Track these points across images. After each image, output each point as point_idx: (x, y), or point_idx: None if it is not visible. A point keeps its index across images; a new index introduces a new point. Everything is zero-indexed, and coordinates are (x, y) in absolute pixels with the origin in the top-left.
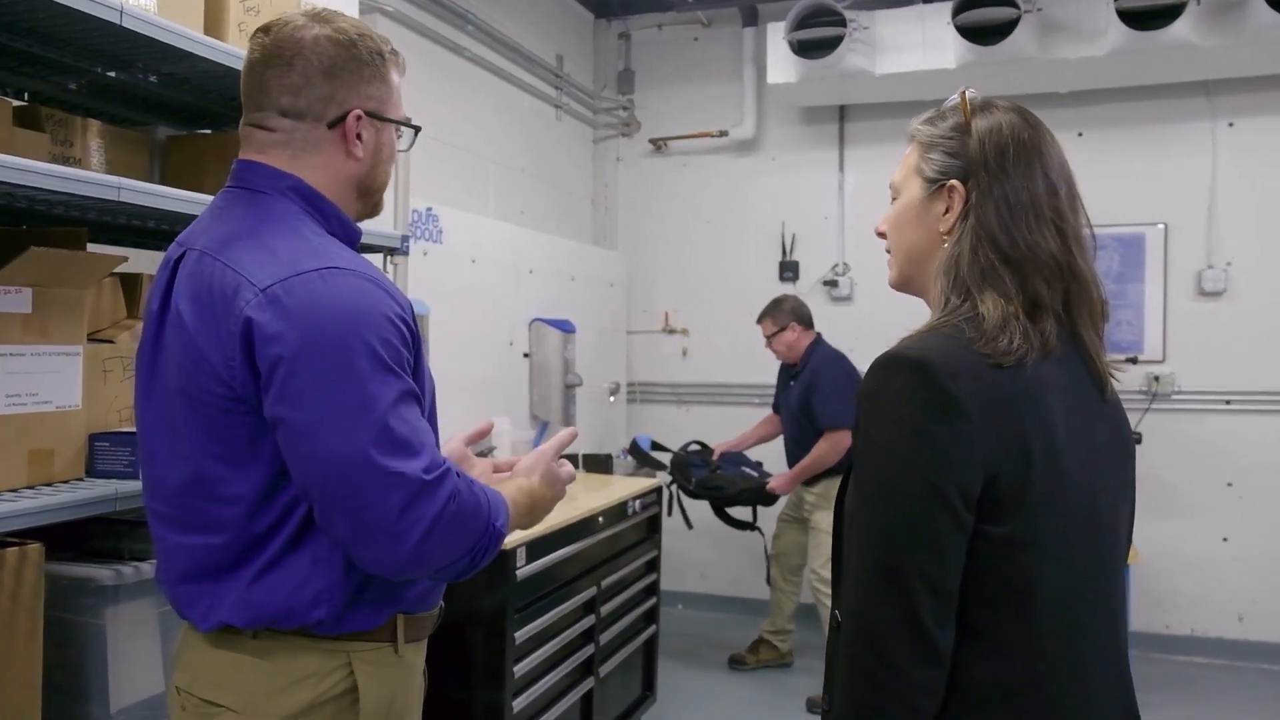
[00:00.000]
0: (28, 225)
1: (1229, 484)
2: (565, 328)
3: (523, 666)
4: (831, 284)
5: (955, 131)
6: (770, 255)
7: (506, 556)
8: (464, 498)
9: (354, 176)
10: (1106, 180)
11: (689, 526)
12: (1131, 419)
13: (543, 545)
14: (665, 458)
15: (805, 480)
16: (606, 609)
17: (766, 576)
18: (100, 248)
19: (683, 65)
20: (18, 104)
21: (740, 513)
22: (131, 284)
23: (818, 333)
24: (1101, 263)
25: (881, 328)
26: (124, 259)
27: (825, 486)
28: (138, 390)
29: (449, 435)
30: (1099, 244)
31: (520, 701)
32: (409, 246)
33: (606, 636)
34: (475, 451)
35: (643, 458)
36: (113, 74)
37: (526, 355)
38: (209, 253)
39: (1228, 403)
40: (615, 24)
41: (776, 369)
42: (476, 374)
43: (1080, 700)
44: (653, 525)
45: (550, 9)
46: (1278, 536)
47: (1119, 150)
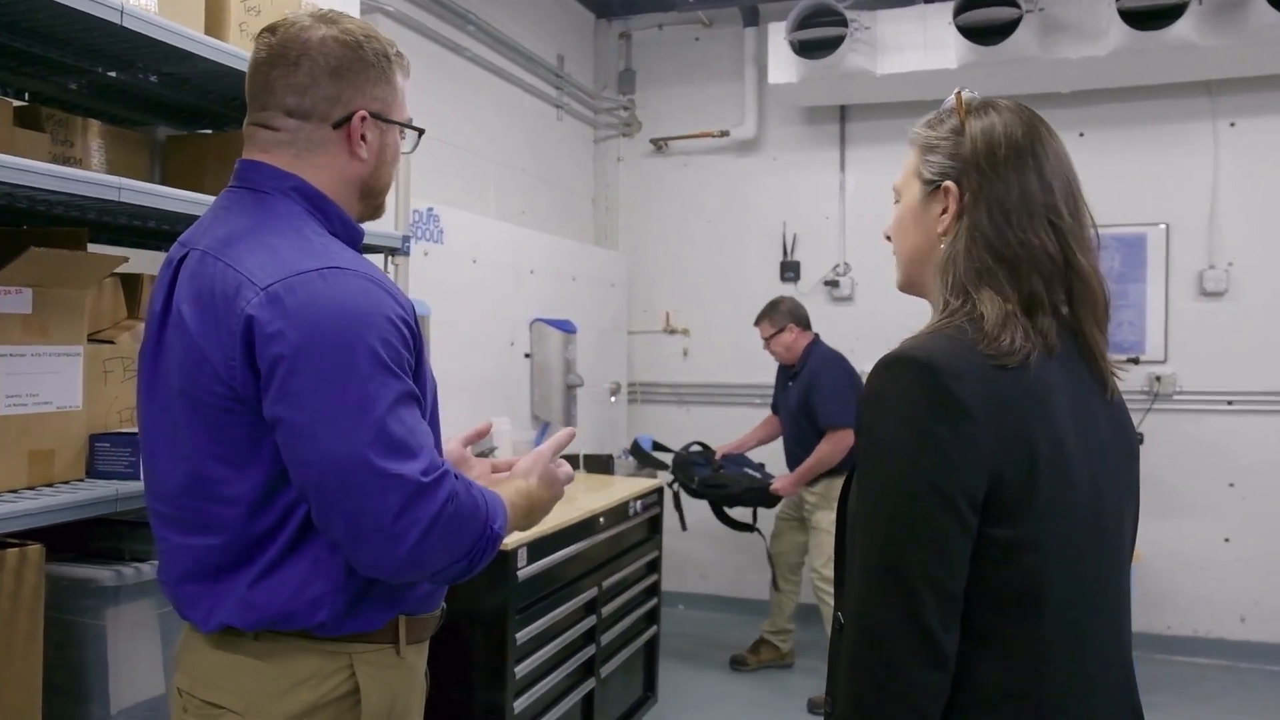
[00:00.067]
0: (28, 225)
1: (1231, 484)
2: (566, 328)
3: (524, 667)
4: (833, 284)
5: (950, 133)
6: (771, 255)
7: (507, 557)
8: (462, 500)
9: (358, 177)
10: (1108, 180)
11: (683, 528)
12: (1133, 419)
13: (544, 546)
14: (667, 458)
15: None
16: (608, 609)
17: (773, 582)
18: (100, 248)
19: (684, 65)
20: (18, 104)
21: (740, 514)
22: (132, 284)
23: (815, 333)
24: (1103, 263)
25: (883, 328)
26: (124, 259)
27: (825, 486)
28: (140, 391)
29: (450, 436)
30: (1101, 244)
31: (521, 702)
32: (410, 247)
33: (608, 637)
34: (476, 452)
35: (644, 458)
36: (113, 74)
37: (527, 355)
38: (211, 253)
39: (1229, 403)
40: (616, 24)
41: (776, 369)
42: (477, 374)
43: (1085, 703)
44: (654, 526)
45: (551, 9)
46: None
47: (1121, 150)
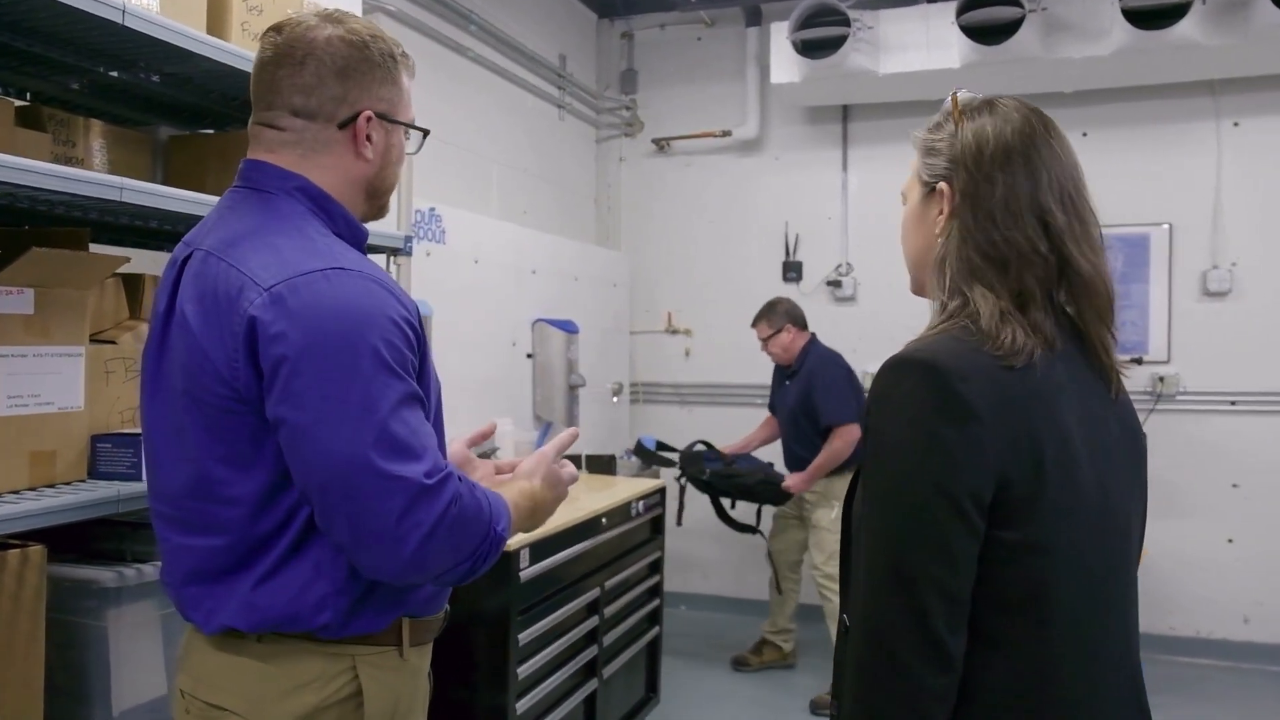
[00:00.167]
0: (30, 226)
1: (1234, 485)
2: (568, 328)
3: (526, 668)
4: (835, 284)
5: (946, 135)
6: (774, 255)
7: (510, 558)
8: (465, 502)
9: (363, 178)
10: (1111, 180)
11: (679, 522)
12: None
13: (546, 547)
14: (672, 456)
15: None
16: (610, 610)
17: (775, 585)
18: (102, 248)
19: (686, 65)
20: (20, 104)
21: (743, 515)
22: (134, 285)
23: (812, 333)
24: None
25: (885, 328)
26: (126, 259)
27: (824, 484)
28: (143, 391)
29: (453, 437)
30: (1105, 244)
31: (524, 703)
32: (412, 247)
33: (610, 638)
34: (478, 453)
35: (650, 456)
36: (115, 74)
37: (529, 356)
38: (214, 253)
39: (1233, 403)
40: (618, 24)
41: (773, 370)
42: (479, 374)
43: (1093, 705)
44: (656, 526)
45: (553, 9)
46: None
47: (1124, 150)
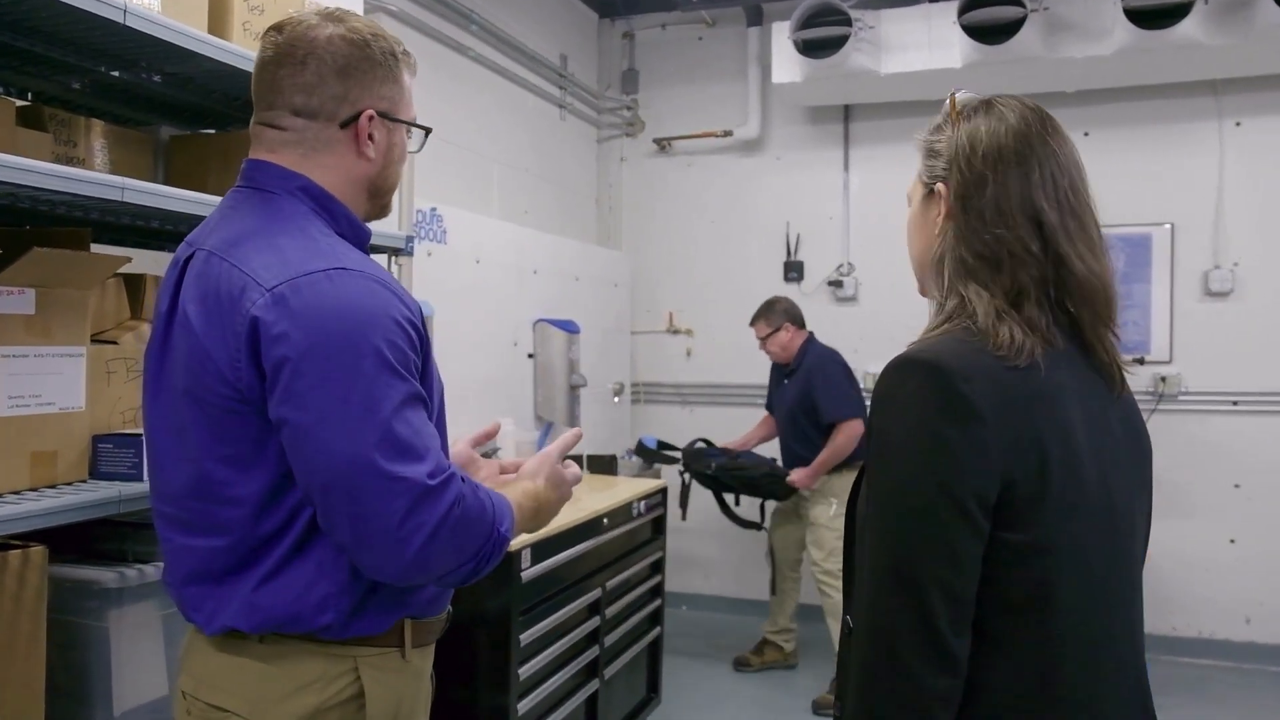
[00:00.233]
0: (31, 226)
1: (1236, 485)
2: (569, 328)
3: (528, 669)
4: (836, 284)
5: (944, 137)
6: (775, 255)
7: (511, 558)
8: (468, 503)
9: (365, 177)
10: (1113, 180)
11: (683, 517)
12: None
13: (548, 547)
14: (674, 454)
15: None
16: (611, 611)
17: (771, 585)
18: (103, 248)
19: (687, 65)
20: (21, 104)
21: (746, 512)
22: (135, 285)
23: (810, 332)
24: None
25: (887, 328)
26: (127, 260)
27: (822, 481)
28: (145, 391)
29: (454, 437)
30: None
31: (525, 704)
32: (414, 247)
33: (611, 638)
34: (480, 453)
35: (651, 454)
36: (116, 74)
37: (531, 356)
38: (217, 253)
39: (1235, 404)
40: (619, 23)
41: (770, 369)
42: (480, 375)
43: (1097, 706)
44: (658, 526)
45: (554, 8)
46: None
47: (1125, 150)
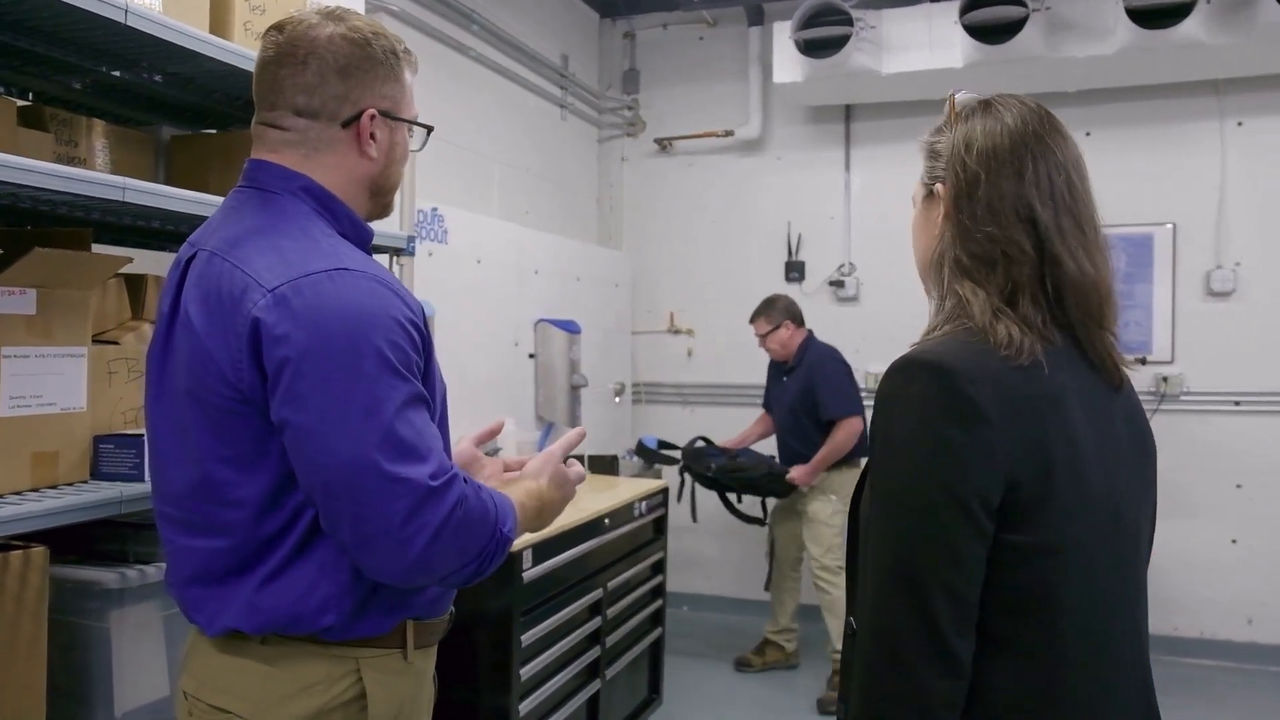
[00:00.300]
0: (32, 226)
1: (1238, 485)
2: (570, 328)
3: (529, 669)
4: (838, 284)
5: (944, 137)
6: (776, 255)
7: (513, 559)
8: (471, 504)
9: (367, 176)
10: (1114, 180)
11: (694, 519)
12: None
13: (549, 547)
14: (675, 454)
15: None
16: (613, 611)
17: (768, 580)
18: (105, 248)
19: (688, 65)
20: (22, 104)
21: (749, 508)
22: (136, 285)
23: (809, 330)
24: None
25: (888, 328)
26: (129, 260)
27: (821, 477)
28: (148, 392)
29: (456, 437)
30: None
31: (527, 704)
32: (415, 247)
33: (613, 639)
34: (483, 451)
35: (652, 455)
36: (117, 73)
37: (532, 356)
38: (218, 253)
39: (1237, 404)
40: (620, 23)
41: (768, 367)
42: (481, 375)
43: (1102, 708)
44: (659, 527)
45: (555, 8)
46: None
47: (1127, 150)
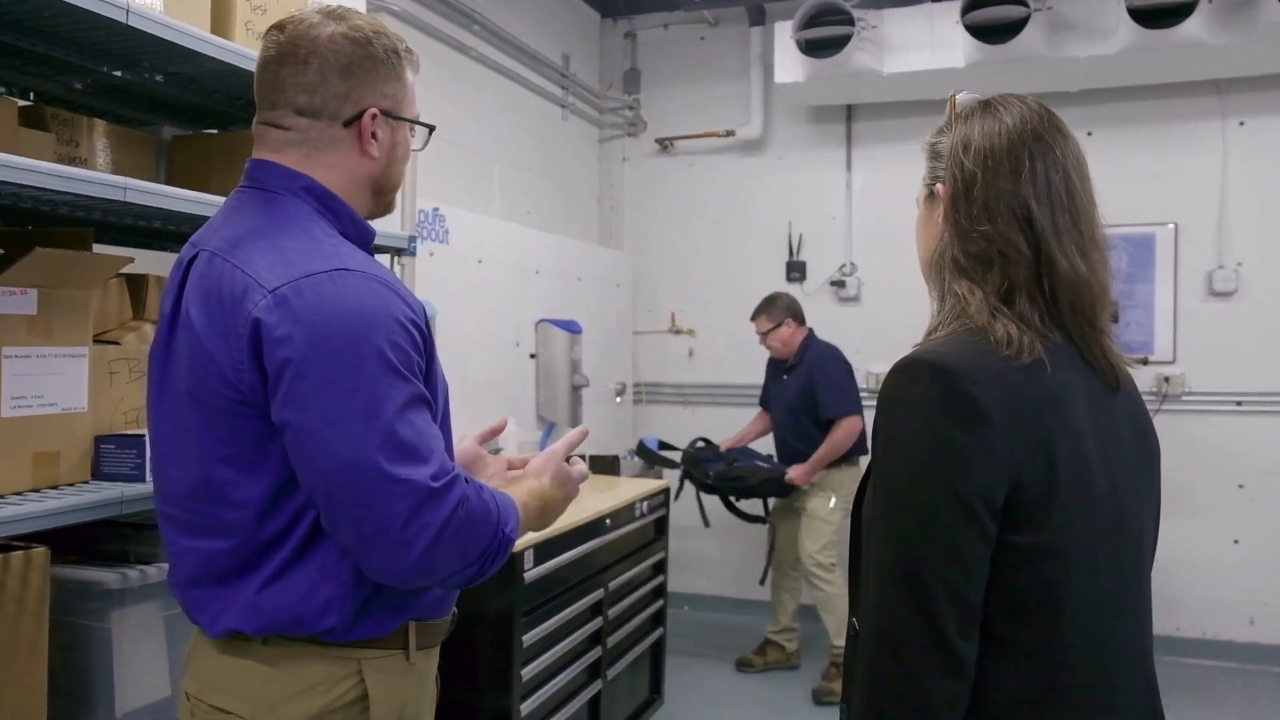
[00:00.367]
0: (33, 226)
1: (1240, 486)
2: (571, 328)
3: (530, 670)
4: (839, 284)
5: (944, 138)
6: (777, 255)
7: (514, 559)
8: (473, 504)
9: (369, 175)
10: (1116, 180)
11: (706, 524)
12: None
13: (550, 548)
14: (675, 456)
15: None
16: (614, 611)
17: (763, 576)
18: (106, 248)
19: (689, 65)
20: (23, 104)
21: (750, 506)
22: (137, 285)
23: (810, 328)
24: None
25: (889, 328)
26: (130, 260)
27: (821, 475)
28: (150, 392)
29: (456, 438)
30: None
31: (528, 705)
32: (416, 247)
33: (614, 639)
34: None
35: (652, 457)
36: (118, 73)
37: (533, 356)
38: (219, 254)
39: (1238, 404)
40: (621, 23)
41: (766, 364)
42: (483, 375)
43: (1106, 710)
44: (660, 527)
45: (556, 8)
46: None
47: (1129, 149)
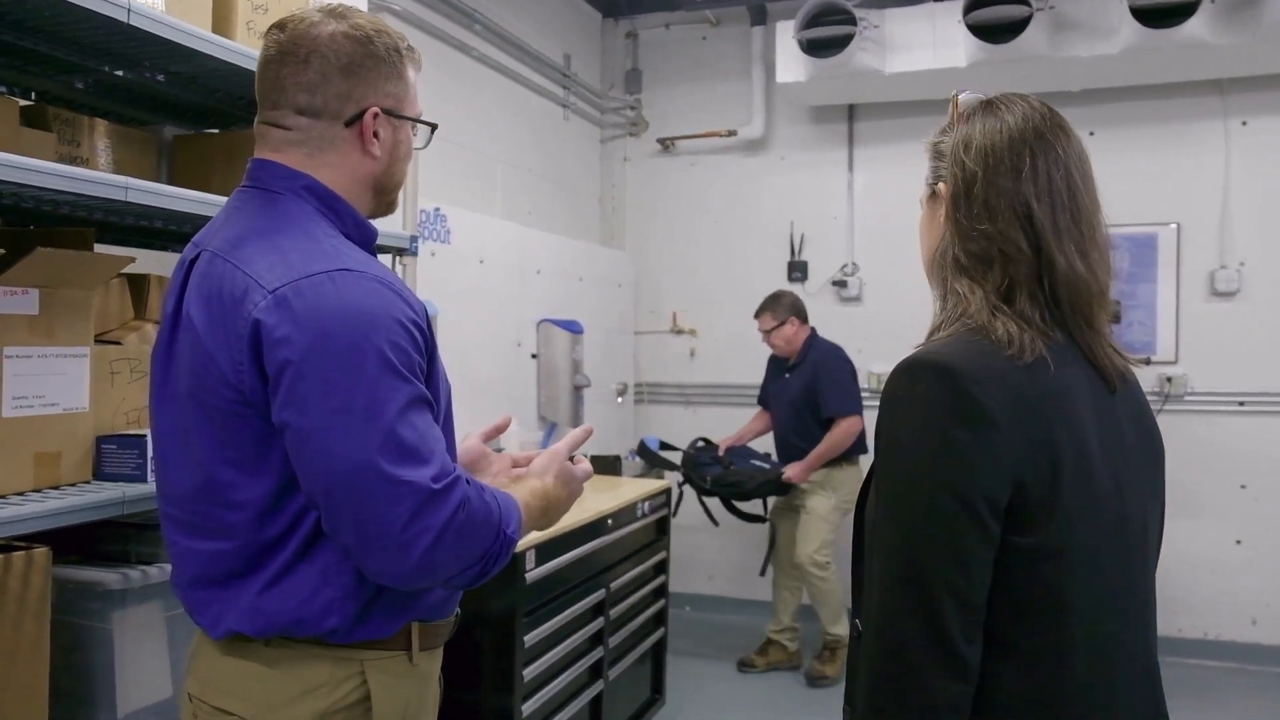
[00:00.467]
0: (34, 226)
1: (1242, 486)
2: (573, 328)
3: (532, 670)
4: (840, 284)
5: (946, 137)
6: (779, 255)
7: (516, 560)
8: (474, 506)
9: (371, 175)
10: (1118, 179)
11: (715, 524)
12: None
13: (552, 548)
14: (675, 457)
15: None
16: (615, 612)
17: (762, 568)
18: (107, 248)
19: (691, 64)
20: (25, 103)
21: (750, 505)
22: (139, 285)
23: (812, 327)
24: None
25: (890, 328)
26: (131, 260)
27: (822, 474)
28: (152, 393)
29: (458, 438)
30: (1110, 244)
31: (530, 705)
32: (418, 247)
33: (616, 639)
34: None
35: (653, 458)
36: (120, 73)
37: (534, 356)
38: (220, 254)
39: (1241, 404)
40: (623, 23)
41: (767, 362)
42: (484, 375)
43: (1110, 712)
44: (661, 527)
45: (558, 8)
46: None
47: (1131, 149)
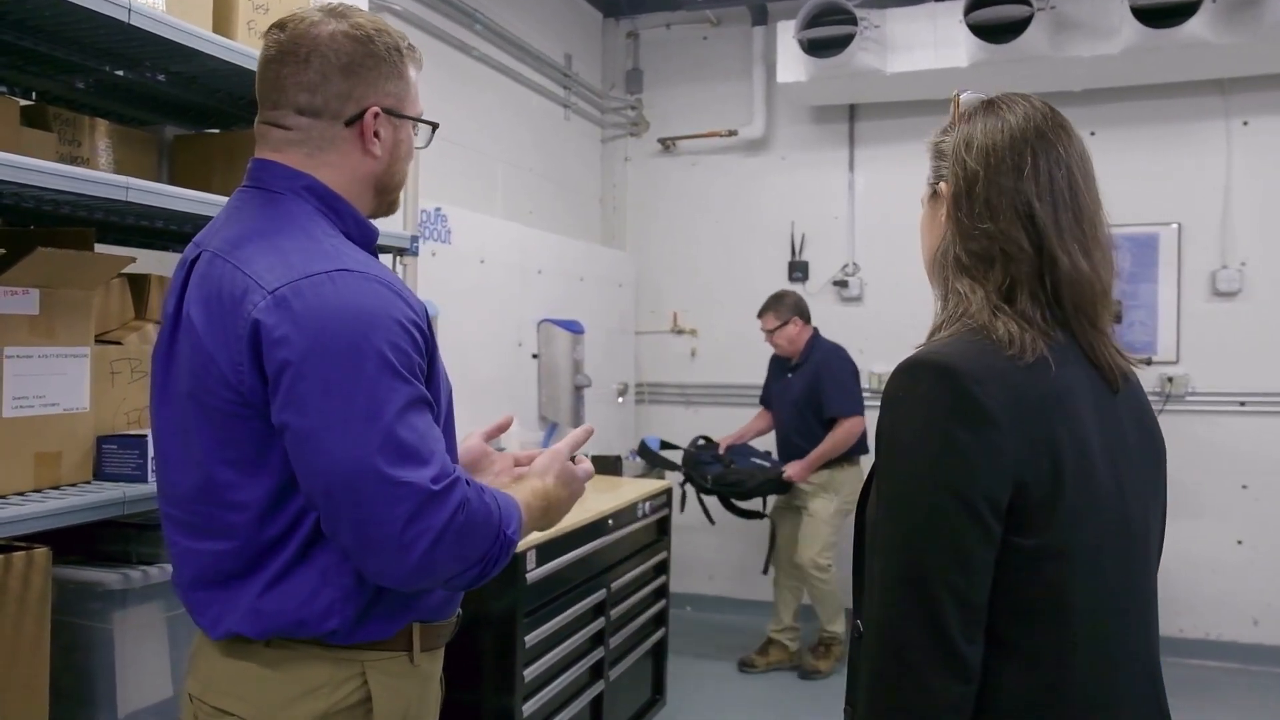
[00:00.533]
0: (35, 226)
1: (1243, 486)
2: (574, 328)
3: (533, 670)
4: (841, 284)
5: (947, 137)
6: (779, 255)
7: (516, 560)
8: (474, 507)
9: (371, 175)
10: (1119, 179)
11: (712, 522)
12: None
13: (553, 548)
14: (676, 456)
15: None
16: (616, 612)
17: (764, 566)
18: (108, 248)
19: (692, 64)
20: (25, 103)
21: (749, 502)
22: (139, 285)
23: (815, 327)
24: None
25: (891, 328)
26: (132, 259)
27: (826, 476)
28: (152, 394)
29: (460, 437)
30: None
31: (530, 706)
32: (418, 247)
33: (616, 640)
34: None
35: (653, 458)
36: (120, 73)
37: (535, 356)
38: (220, 254)
39: (1242, 404)
40: (624, 23)
41: (769, 362)
42: (485, 375)
43: (1113, 712)
44: (662, 527)
45: (559, 8)
46: None
47: (1132, 149)
